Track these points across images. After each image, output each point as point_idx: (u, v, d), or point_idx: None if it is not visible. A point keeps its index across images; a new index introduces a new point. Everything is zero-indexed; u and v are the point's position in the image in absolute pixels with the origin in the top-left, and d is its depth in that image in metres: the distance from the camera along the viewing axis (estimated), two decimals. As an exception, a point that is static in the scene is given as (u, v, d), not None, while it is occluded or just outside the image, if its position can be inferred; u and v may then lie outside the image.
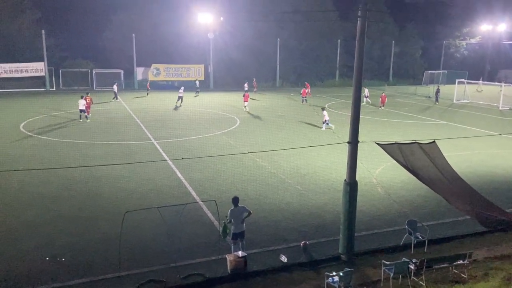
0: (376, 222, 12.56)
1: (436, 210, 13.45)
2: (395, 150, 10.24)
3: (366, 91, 38.17)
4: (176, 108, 33.59)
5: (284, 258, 10.18)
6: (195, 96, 41.24)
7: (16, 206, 13.02)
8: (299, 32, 57.71)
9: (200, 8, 47.38)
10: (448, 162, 10.61)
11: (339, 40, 58.55)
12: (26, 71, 44.27)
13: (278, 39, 54.04)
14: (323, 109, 26.51)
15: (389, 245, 11.20)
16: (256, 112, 32.42)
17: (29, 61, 44.62)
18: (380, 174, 17.03)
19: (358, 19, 9.95)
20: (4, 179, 14.97)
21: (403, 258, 9.62)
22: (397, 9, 62.02)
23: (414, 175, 10.22)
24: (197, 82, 44.03)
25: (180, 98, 34.59)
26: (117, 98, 37.09)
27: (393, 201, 14.04)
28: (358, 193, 10.83)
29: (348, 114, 11.78)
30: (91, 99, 28.41)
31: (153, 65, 48.88)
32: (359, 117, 10.29)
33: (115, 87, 38.00)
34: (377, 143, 10.35)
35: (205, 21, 47.89)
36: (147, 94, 41.91)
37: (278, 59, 54.68)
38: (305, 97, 37.96)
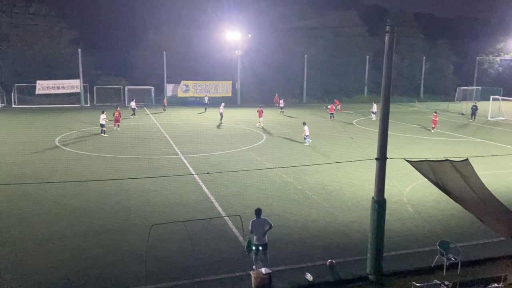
0: (406, 242, 12.18)
1: (469, 230, 12.92)
2: (425, 167, 9.95)
3: (374, 107, 38.09)
4: (219, 126, 33.54)
5: (309, 277, 9.98)
6: (200, 113, 41.39)
7: (49, 217, 13.41)
8: (327, 48, 57.80)
9: (229, 26, 48.33)
10: (482, 181, 10.21)
11: (367, 56, 58.17)
12: (63, 87, 46.12)
13: (306, 55, 54.21)
14: (304, 123, 26.42)
15: (419, 266, 10.80)
16: (282, 128, 32.42)
17: (66, 79, 46.52)
18: (411, 192, 16.57)
19: (386, 34, 9.86)
20: (39, 191, 15.49)
21: (435, 280, 9.26)
22: (428, 25, 61.30)
23: (446, 193, 9.88)
24: (206, 98, 44.78)
25: (221, 114, 35.14)
26: (134, 115, 37.20)
27: (424, 220, 13.60)
28: (387, 211, 10.56)
29: (376, 130, 11.59)
30: (119, 113, 29.95)
31: (183, 82, 49.95)
32: (387, 133, 10.10)
33: (133, 103, 38.13)
34: (406, 160, 10.11)
35: (233, 39, 48.75)
36: (164, 110, 41.78)
37: (306, 75, 54.74)
38: (333, 113, 37.79)
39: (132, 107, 37.99)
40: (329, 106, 38.68)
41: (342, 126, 28.30)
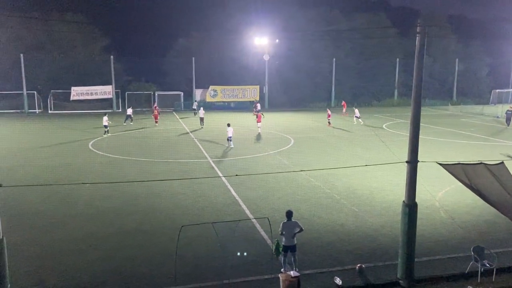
0: (438, 248, 11.86)
1: (505, 236, 12.45)
2: (458, 170, 9.70)
3: (356, 111, 37.06)
4: (200, 130, 33.53)
5: (338, 281, 9.88)
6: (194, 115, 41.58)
7: (84, 218, 13.86)
8: (355, 51, 57.23)
9: (257, 31, 48.65)
10: (519, 184, 9.84)
11: (397, 58, 57.13)
12: (96, 93, 47.64)
13: (334, 59, 53.82)
14: (228, 125, 25.57)
15: (453, 272, 10.49)
16: (310, 132, 32.26)
17: (98, 85, 48.03)
18: (443, 197, 16.13)
19: (417, 35, 9.70)
20: (74, 193, 16.06)
21: (469, 287, 8.97)
22: (461, 26, 59.69)
23: (481, 197, 9.59)
24: (195, 103, 44.96)
25: (201, 119, 35.47)
26: (131, 121, 36.01)
27: (457, 226, 13.21)
28: (419, 216, 10.33)
29: (406, 134, 11.39)
30: (158, 111, 35.41)
31: (211, 87, 50.58)
32: (418, 135, 9.91)
33: (129, 110, 36.93)
34: (439, 163, 9.88)
35: (261, 43, 49.01)
36: (195, 114, 42.37)
37: (334, 79, 54.32)
38: (329, 119, 35.67)
39: (128, 113, 36.88)
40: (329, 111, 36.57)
41: (372, 130, 27.83)
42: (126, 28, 55.82)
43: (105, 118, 30.06)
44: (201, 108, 36.75)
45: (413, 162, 9.95)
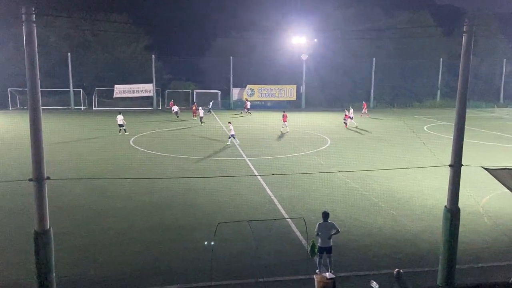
0: (481, 255, 11.38)
1: (556, 247, 11.77)
2: (505, 176, 9.27)
3: (351, 111, 34.89)
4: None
5: (375, 285, 9.67)
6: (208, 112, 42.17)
7: (123, 212, 14.35)
8: (397, 51, 55.70)
9: (295, 30, 48.41)
10: None
11: (441, 59, 55.12)
12: (137, 91, 49.09)
13: (374, 59, 52.70)
14: (229, 123, 26.51)
15: (495, 281, 10.04)
16: (348, 133, 31.78)
17: (140, 83, 49.51)
18: (488, 203, 15.44)
19: (464, 35, 9.33)
20: (115, 187, 16.66)
21: (514, 298, 8.56)
22: (509, 25, 56.78)
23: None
24: (211, 103, 45.48)
25: (201, 118, 35.91)
26: (125, 131, 30.22)
27: (502, 233, 12.60)
28: (461, 222, 9.95)
29: (449, 136, 10.99)
30: (196, 107, 37.85)
31: (248, 86, 50.85)
32: (463, 138, 9.53)
33: (119, 117, 30.50)
34: (484, 168, 9.48)
35: (299, 42, 48.73)
36: (249, 113, 43.26)
37: (373, 79, 53.19)
38: (347, 120, 34.54)
39: (119, 123, 32.00)
40: (347, 113, 35.05)
41: (413, 132, 27.05)
42: (167, 28, 57.18)
43: (120, 117, 29.92)
44: (200, 108, 37.11)
45: (456, 166, 9.58)
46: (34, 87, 7.96)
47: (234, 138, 26.03)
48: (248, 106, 44.22)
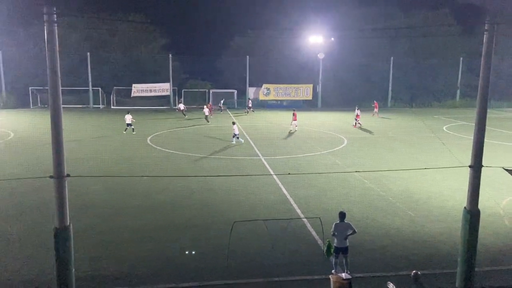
0: (502, 258, 11.15)
1: None
2: (527, 177, 9.05)
3: (358, 112, 34.18)
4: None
5: (392, 286, 9.55)
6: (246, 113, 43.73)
7: (140, 210, 14.53)
8: (415, 50, 54.85)
9: (311, 30, 48.13)
10: None
11: (461, 57, 54.05)
12: (155, 90, 49.62)
13: (392, 57, 52.02)
14: (233, 123, 26.91)
15: (517, 285, 9.84)
16: (364, 133, 31.49)
17: (157, 82, 49.99)
18: (509, 204, 15.10)
19: (485, 33, 9.14)
20: (132, 185, 16.87)
21: (536, 303, 8.36)
22: (533, 22, 55.31)
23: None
24: (250, 101, 46.26)
25: (206, 117, 36.30)
26: (132, 131, 30.05)
27: (524, 236, 12.32)
28: (481, 224, 9.75)
29: (469, 137, 10.79)
30: (211, 106, 38.84)
31: (264, 85, 50.80)
32: (483, 138, 9.35)
33: (128, 117, 30.13)
34: (505, 169, 9.28)
35: (315, 42, 48.45)
36: (253, 111, 44.78)
37: (391, 78, 52.50)
38: (358, 119, 34.05)
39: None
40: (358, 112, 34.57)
41: (432, 132, 26.63)
42: (184, 28, 57.75)
43: (129, 116, 29.90)
44: (204, 106, 37.74)
45: (476, 167, 9.41)
46: (55, 86, 8.11)
47: (237, 138, 26.15)
48: (250, 105, 45.10)
